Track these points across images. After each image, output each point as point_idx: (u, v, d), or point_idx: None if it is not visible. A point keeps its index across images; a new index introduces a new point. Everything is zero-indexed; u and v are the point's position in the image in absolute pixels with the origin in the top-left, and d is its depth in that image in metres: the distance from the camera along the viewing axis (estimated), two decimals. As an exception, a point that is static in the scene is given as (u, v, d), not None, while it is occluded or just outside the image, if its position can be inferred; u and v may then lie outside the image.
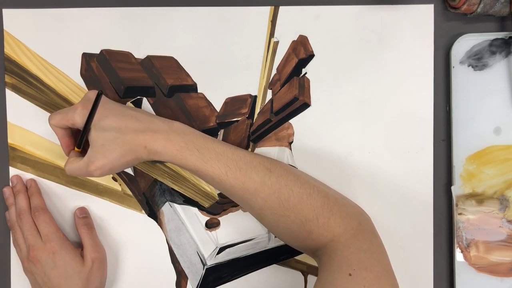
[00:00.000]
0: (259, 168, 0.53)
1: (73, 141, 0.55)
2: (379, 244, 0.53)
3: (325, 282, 0.49)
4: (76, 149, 0.54)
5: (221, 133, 0.61)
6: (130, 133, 0.51)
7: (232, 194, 0.53)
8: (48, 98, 0.60)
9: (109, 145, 0.50)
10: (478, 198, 0.61)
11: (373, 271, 0.48)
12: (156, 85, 0.61)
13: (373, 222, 0.56)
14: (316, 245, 0.53)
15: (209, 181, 0.53)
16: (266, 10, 0.60)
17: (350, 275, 0.48)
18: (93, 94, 0.51)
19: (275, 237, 0.62)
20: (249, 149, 0.61)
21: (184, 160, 0.51)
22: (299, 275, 0.63)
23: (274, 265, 0.63)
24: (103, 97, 0.52)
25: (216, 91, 0.61)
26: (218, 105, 0.61)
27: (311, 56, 0.61)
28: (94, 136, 0.51)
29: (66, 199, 0.61)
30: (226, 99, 0.61)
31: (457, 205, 0.61)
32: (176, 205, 0.62)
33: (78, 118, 0.51)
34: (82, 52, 0.60)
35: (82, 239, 0.59)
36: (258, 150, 0.61)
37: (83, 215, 0.60)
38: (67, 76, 0.60)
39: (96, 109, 0.50)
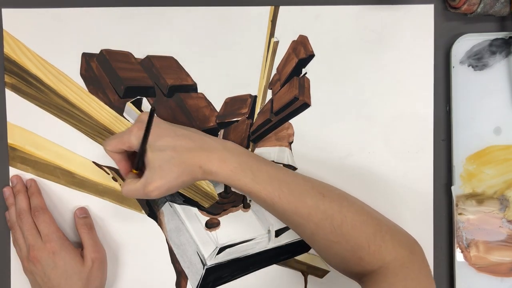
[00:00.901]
0: (312, 193, 0.52)
1: (130, 164, 0.55)
2: (427, 274, 0.52)
3: None
4: (133, 171, 0.54)
5: (221, 133, 0.61)
6: (185, 152, 0.51)
7: (285, 218, 0.53)
8: (48, 98, 0.60)
9: (166, 165, 0.50)
10: (478, 198, 0.61)
11: None
12: (156, 85, 0.61)
13: None
14: (364, 271, 0.52)
15: (261, 204, 0.53)
16: (266, 10, 0.60)
17: None
18: (146, 115, 0.52)
19: (276, 237, 0.62)
20: (249, 149, 0.61)
21: (237, 182, 0.51)
22: (299, 275, 0.63)
23: (274, 265, 0.63)
24: (156, 118, 0.53)
25: (216, 91, 0.61)
26: (218, 105, 0.61)
27: (311, 56, 0.61)
28: (150, 157, 0.51)
29: (66, 199, 0.61)
30: (226, 99, 0.61)
31: (457, 205, 0.61)
32: (176, 205, 0.62)
33: (134, 140, 0.51)
34: (82, 52, 0.60)
35: (82, 239, 0.59)
36: (258, 150, 0.61)
37: (83, 215, 0.60)
38: (67, 76, 0.60)
39: (150, 128, 0.51)
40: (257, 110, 0.61)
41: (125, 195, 0.53)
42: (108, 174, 0.61)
